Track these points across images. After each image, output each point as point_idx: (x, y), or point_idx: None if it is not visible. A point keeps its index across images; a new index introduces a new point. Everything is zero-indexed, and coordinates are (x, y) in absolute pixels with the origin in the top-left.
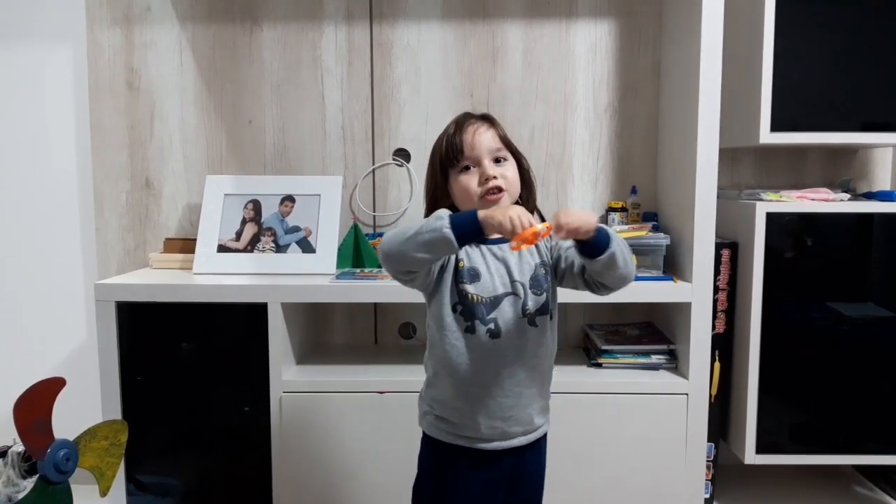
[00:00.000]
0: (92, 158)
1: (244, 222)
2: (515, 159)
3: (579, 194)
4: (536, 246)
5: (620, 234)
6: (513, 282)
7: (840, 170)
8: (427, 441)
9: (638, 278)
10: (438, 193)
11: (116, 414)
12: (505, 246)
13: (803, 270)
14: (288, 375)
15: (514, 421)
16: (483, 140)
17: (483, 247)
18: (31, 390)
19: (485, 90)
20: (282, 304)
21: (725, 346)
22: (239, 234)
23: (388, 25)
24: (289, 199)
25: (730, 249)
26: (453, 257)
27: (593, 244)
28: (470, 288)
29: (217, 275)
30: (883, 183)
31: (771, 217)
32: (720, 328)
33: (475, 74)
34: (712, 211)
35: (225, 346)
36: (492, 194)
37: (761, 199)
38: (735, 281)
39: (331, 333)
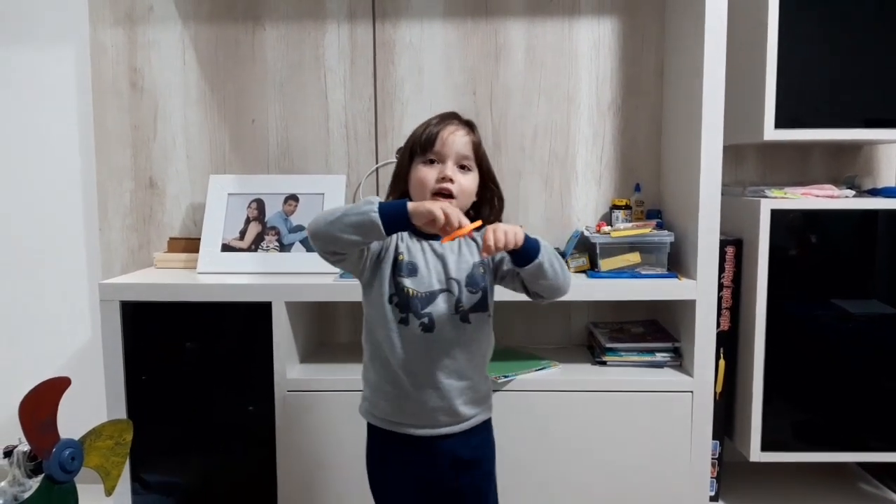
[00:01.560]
0: (96, 158)
1: (248, 221)
2: (482, 174)
3: (583, 192)
4: (477, 246)
5: (624, 233)
6: (448, 279)
7: (844, 166)
8: (368, 428)
9: (642, 276)
10: (401, 178)
11: (121, 413)
12: (445, 243)
13: (808, 267)
14: (292, 374)
15: (440, 411)
16: (456, 142)
17: (424, 242)
18: (37, 390)
19: (487, 88)
20: (286, 304)
21: (730, 343)
22: (243, 234)
23: (390, 24)
24: (292, 198)
25: (734, 247)
26: (392, 249)
27: (522, 254)
28: (407, 282)
29: (221, 274)
30: (887, 179)
31: (775, 214)
32: (725, 326)
33: (478, 72)
34: (716, 208)
35: (229, 346)
36: (441, 195)
37: (766, 196)
38: (739, 278)
39: (335, 332)
